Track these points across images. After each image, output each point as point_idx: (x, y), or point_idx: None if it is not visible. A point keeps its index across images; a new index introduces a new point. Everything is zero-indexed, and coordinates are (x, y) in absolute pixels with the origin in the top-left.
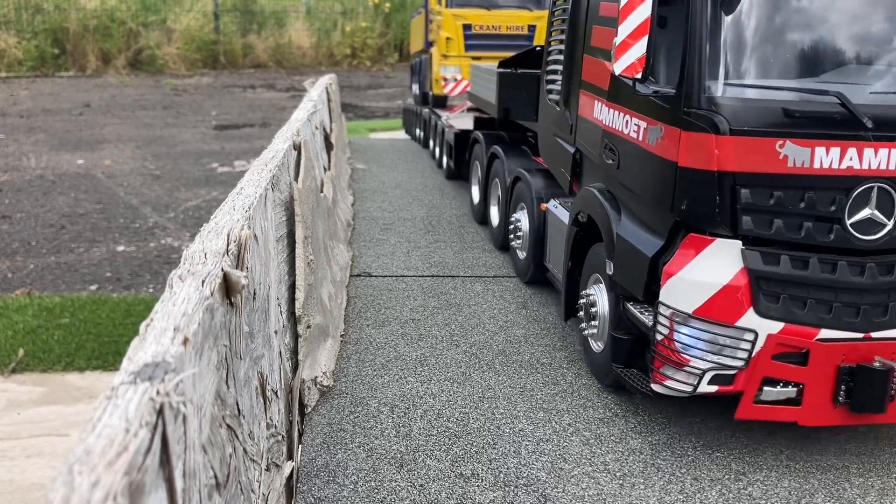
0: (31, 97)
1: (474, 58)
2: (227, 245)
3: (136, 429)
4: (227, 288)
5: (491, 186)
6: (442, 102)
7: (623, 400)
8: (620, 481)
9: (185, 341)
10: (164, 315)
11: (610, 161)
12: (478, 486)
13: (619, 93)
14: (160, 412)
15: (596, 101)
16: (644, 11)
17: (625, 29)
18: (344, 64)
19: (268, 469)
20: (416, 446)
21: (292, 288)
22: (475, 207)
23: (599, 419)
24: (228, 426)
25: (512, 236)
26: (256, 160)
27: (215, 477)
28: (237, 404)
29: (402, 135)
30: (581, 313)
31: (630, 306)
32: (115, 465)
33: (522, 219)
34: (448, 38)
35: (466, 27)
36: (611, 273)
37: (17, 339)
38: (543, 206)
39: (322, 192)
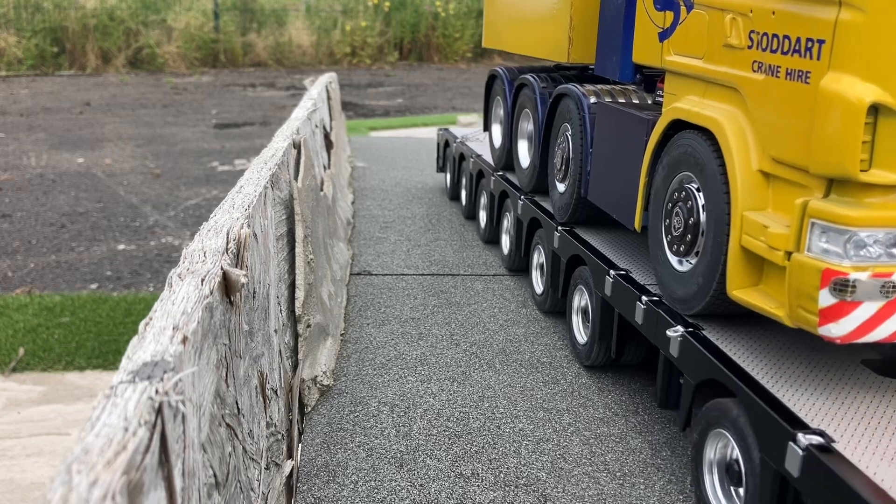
0: (30, 96)
1: None
2: (227, 243)
3: (135, 428)
4: (227, 286)
5: None
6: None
7: (623, 400)
8: (620, 481)
9: (185, 340)
10: (164, 314)
11: None
12: (478, 485)
13: None
14: (159, 411)
15: None
16: None
17: None
18: (344, 62)
19: (267, 468)
20: (416, 446)
21: (292, 287)
22: None
23: (599, 419)
24: (228, 425)
25: None
26: (256, 159)
27: (215, 476)
28: (237, 403)
29: (402, 133)
30: None
31: None
32: (113, 465)
33: None
34: (880, 110)
35: None
36: None
37: (17, 338)
38: None
39: (322, 190)
